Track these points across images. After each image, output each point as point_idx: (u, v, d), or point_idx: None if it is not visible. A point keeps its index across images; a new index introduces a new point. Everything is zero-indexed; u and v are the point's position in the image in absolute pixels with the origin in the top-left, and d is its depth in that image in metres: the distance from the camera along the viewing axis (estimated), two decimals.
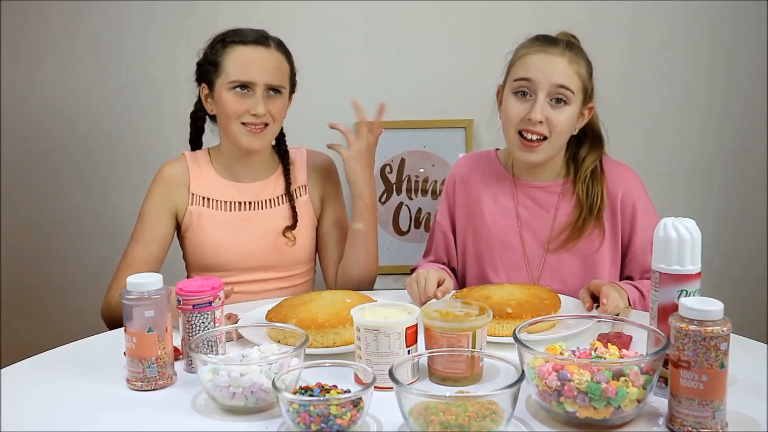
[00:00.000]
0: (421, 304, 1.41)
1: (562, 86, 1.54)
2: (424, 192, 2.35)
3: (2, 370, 1.23)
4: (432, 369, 1.16)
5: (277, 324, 1.30)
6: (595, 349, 1.09)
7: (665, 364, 1.01)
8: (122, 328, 1.17)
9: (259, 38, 1.67)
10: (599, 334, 1.21)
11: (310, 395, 1.02)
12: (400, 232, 2.36)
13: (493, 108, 1.69)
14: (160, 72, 2.31)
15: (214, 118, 1.75)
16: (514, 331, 1.09)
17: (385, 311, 1.20)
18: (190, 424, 1.05)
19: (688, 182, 2.36)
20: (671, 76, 2.30)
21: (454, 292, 1.58)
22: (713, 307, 0.96)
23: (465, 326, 1.16)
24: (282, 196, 1.76)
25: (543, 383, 1.01)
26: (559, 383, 0.99)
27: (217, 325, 1.22)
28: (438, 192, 2.30)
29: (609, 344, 1.11)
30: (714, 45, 2.29)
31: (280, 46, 1.70)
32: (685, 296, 1.05)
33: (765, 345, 1.27)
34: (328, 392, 1.03)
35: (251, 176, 1.76)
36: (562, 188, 1.66)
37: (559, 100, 1.55)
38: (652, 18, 2.27)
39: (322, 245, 1.82)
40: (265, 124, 1.66)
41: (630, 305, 1.48)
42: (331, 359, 1.15)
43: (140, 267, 1.62)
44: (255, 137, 1.67)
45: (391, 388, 0.99)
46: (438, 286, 1.53)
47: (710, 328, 0.94)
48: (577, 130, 1.62)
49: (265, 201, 1.75)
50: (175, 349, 1.23)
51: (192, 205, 1.71)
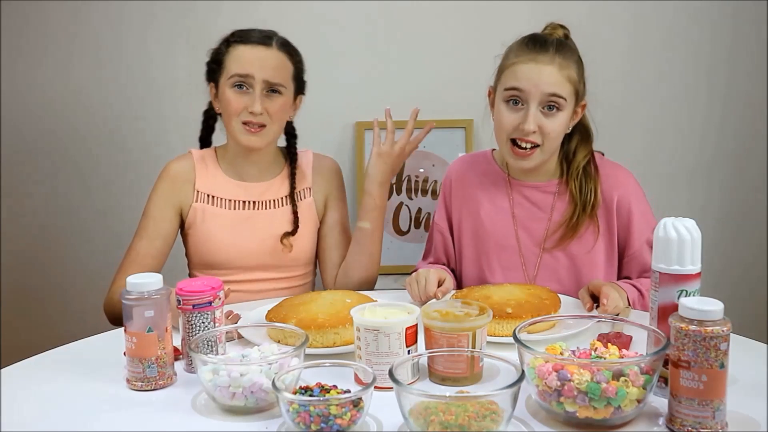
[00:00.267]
0: (421, 303, 1.41)
1: (553, 95, 1.53)
2: (424, 192, 2.35)
3: (2, 370, 1.23)
4: (432, 369, 1.16)
5: (277, 324, 1.30)
6: (595, 349, 1.09)
7: (665, 364, 1.01)
8: (122, 328, 1.17)
9: (262, 38, 1.68)
10: (599, 334, 1.21)
11: (310, 395, 1.02)
12: (400, 232, 2.36)
13: (485, 109, 1.68)
14: (160, 72, 2.31)
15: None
16: (514, 331, 1.09)
17: (385, 311, 1.20)
18: (190, 424, 1.05)
19: (688, 182, 2.36)
20: (671, 76, 2.30)
21: (454, 292, 1.58)
22: (713, 307, 0.96)
23: (465, 326, 1.16)
24: (286, 197, 1.76)
25: (543, 383, 1.01)
26: (559, 383, 0.99)
27: (217, 325, 1.22)
28: (438, 192, 2.29)
29: (609, 344, 1.11)
30: (714, 45, 2.29)
31: (284, 46, 1.70)
32: (685, 296, 1.05)
33: (765, 345, 1.27)
34: (328, 392, 1.03)
35: (256, 176, 1.76)
36: (557, 188, 1.66)
37: (551, 107, 1.54)
38: (652, 18, 2.27)
39: (322, 247, 1.82)
40: (263, 125, 1.66)
41: (630, 305, 1.48)
42: (331, 359, 1.15)
43: (144, 262, 1.63)
44: (253, 136, 1.67)
45: (391, 388, 0.99)
46: (438, 285, 1.53)
47: (710, 328, 0.94)
48: (570, 128, 1.61)
49: (269, 201, 1.75)
50: (175, 349, 1.23)
51: (197, 202, 1.72)
